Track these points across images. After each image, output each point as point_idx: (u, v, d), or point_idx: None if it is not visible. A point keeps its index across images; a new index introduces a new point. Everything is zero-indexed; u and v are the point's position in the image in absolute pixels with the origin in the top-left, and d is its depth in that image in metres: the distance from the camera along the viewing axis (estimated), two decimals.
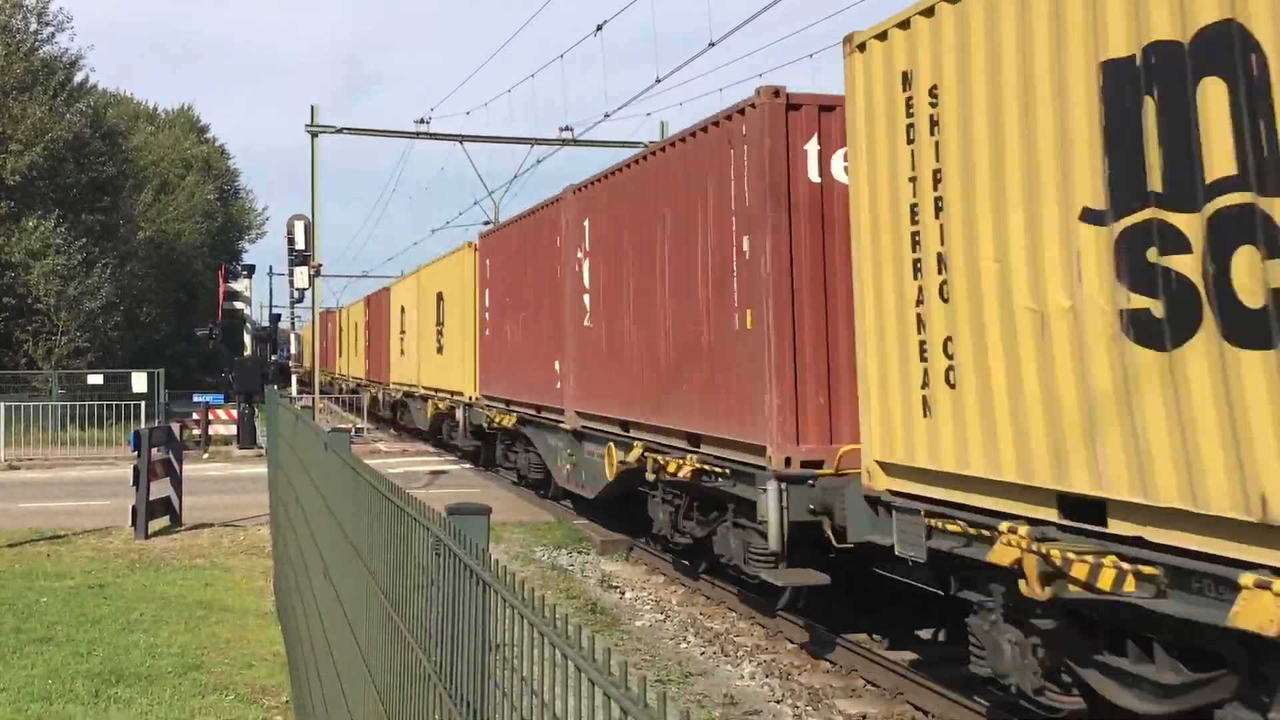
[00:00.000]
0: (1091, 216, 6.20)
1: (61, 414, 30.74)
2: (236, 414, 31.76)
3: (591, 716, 1.91)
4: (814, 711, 8.98)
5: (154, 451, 16.48)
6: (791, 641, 10.93)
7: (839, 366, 10.15)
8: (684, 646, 10.91)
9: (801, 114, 10.41)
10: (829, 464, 9.78)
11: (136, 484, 15.93)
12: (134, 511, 15.95)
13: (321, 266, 34.29)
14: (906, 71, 7.96)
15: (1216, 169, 5.39)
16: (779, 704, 9.14)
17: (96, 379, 33.38)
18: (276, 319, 38.03)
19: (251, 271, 38.48)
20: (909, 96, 7.93)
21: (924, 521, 7.79)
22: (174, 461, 17.29)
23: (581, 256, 16.07)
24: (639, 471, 13.21)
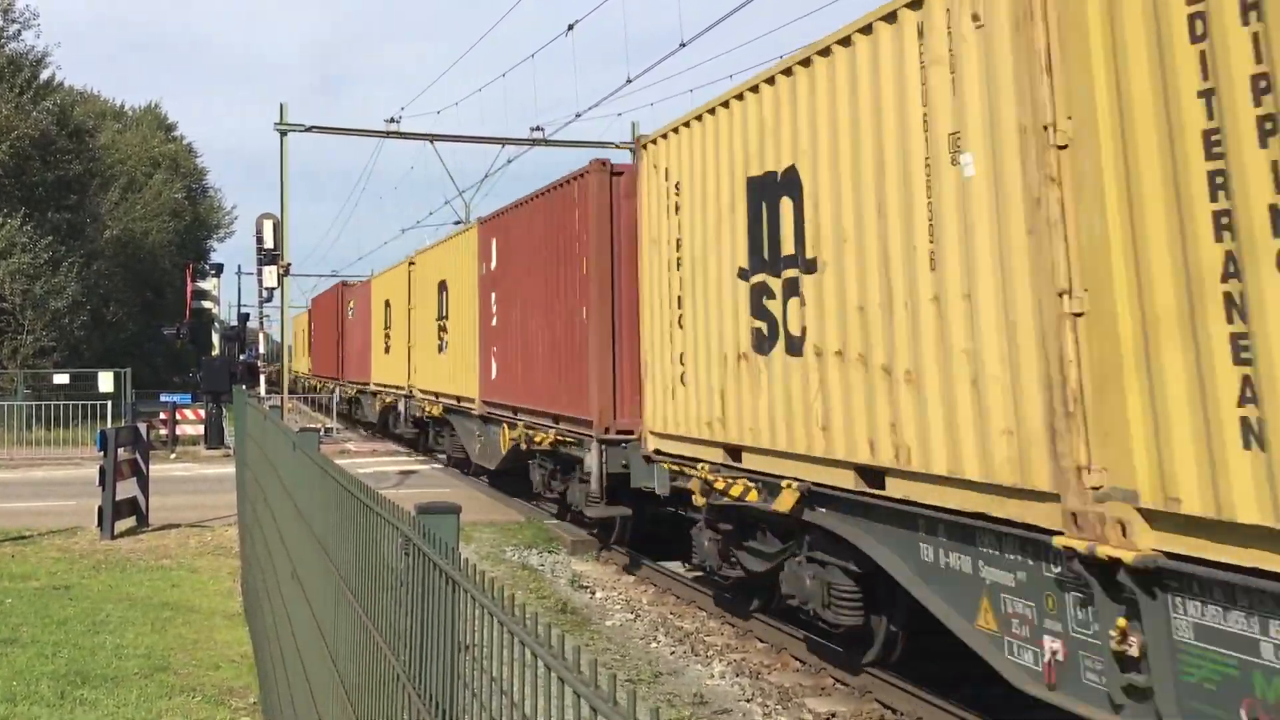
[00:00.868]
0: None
1: (27, 414, 30.48)
2: (204, 414, 31.56)
3: (562, 716, 1.91)
4: (784, 710, 9.00)
5: (121, 451, 16.36)
6: (762, 641, 10.96)
7: None
8: (654, 646, 10.92)
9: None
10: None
11: (103, 484, 15.80)
12: (100, 512, 15.82)
13: (290, 266, 34.10)
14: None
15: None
16: (749, 703, 9.16)
17: (63, 378, 33.11)
18: (245, 318, 37.81)
19: (220, 271, 38.28)
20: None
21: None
22: (141, 461, 17.17)
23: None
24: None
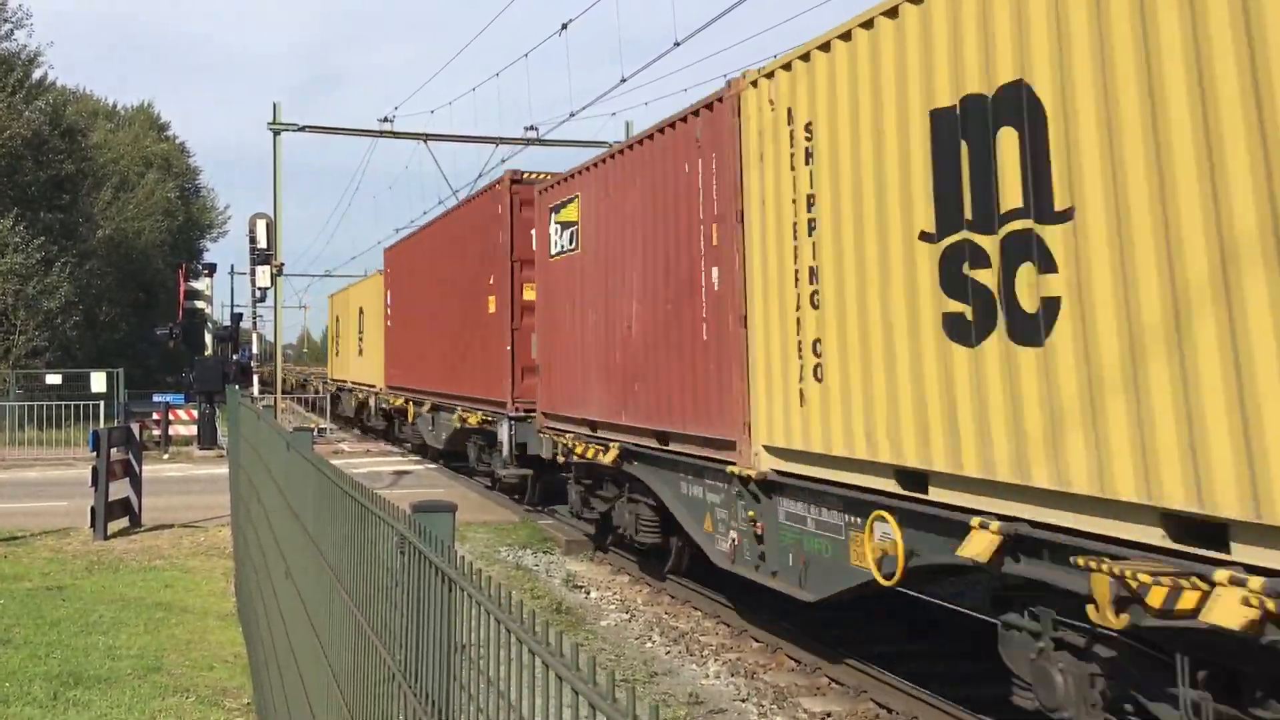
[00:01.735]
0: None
1: (19, 414, 30.38)
2: (197, 414, 31.49)
3: (559, 713, 1.89)
4: (779, 710, 8.99)
5: (113, 452, 16.31)
6: (757, 641, 10.95)
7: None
8: (649, 646, 10.91)
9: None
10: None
11: (95, 484, 15.75)
12: (93, 512, 15.77)
13: (284, 265, 34.06)
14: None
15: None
16: (744, 703, 9.14)
17: (55, 379, 33.01)
18: (238, 318, 37.69)
19: (213, 271, 38.17)
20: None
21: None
22: (134, 462, 17.12)
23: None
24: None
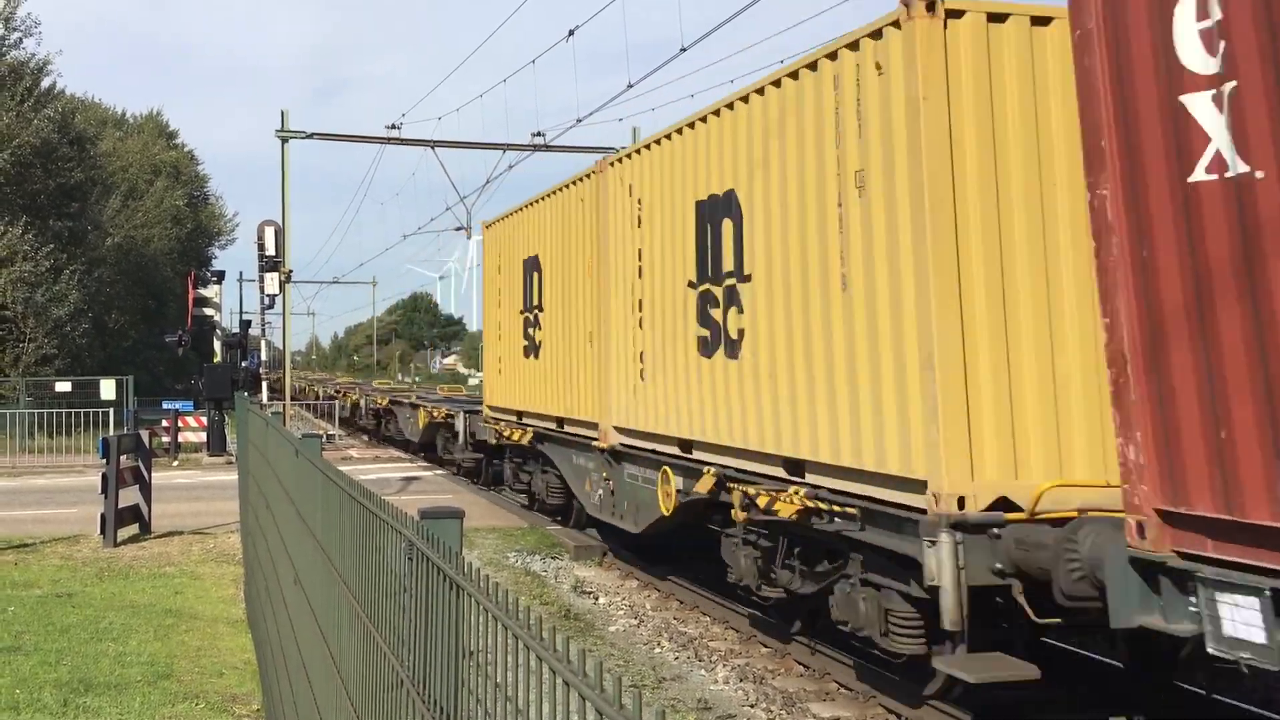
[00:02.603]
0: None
1: (29, 421, 30.46)
2: (206, 421, 31.54)
3: (567, 717, 1.90)
4: (788, 715, 8.98)
5: (123, 459, 16.34)
6: (765, 646, 10.94)
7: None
8: (658, 651, 10.90)
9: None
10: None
11: (105, 491, 15.79)
12: (103, 519, 15.81)
13: (292, 273, 34.11)
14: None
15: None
16: (753, 708, 9.13)
17: (65, 386, 33.11)
18: (247, 325, 37.82)
19: (221, 278, 38.26)
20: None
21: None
22: (143, 469, 17.16)
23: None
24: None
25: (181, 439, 31.60)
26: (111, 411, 30.63)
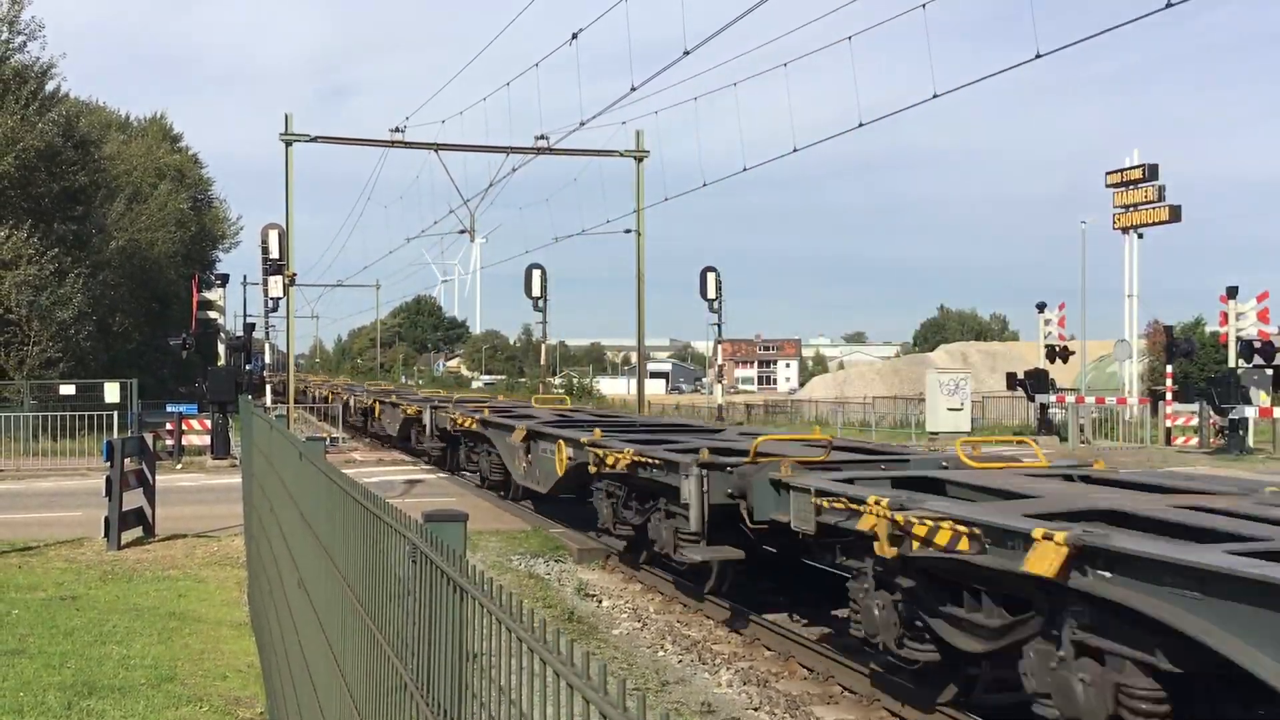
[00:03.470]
0: None
1: (33, 425, 30.47)
2: (210, 424, 31.56)
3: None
4: (791, 718, 8.98)
5: (127, 462, 16.35)
6: (769, 649, 10.93)
7: None
8: (661, 654, 10.90)
9: None
10: None
11: (109, 494, 15.79)
12: (107, 522, 15.81)
13: (296, 276, 34.16)
14: None
15: None
16: (756, 711, 9.13)
17: (69, 389, 33.12)
18: (251, 328, 37.78)
19: (225, 281, 38.27)
20: None
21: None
22: (147, 472, 17.16)
23: None
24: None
25: (185, 442, 31.61)
26: (115, 414, 30.64)
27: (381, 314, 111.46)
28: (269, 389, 41.57)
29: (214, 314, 36.03)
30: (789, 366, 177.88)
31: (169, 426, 31.82)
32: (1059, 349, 40.49)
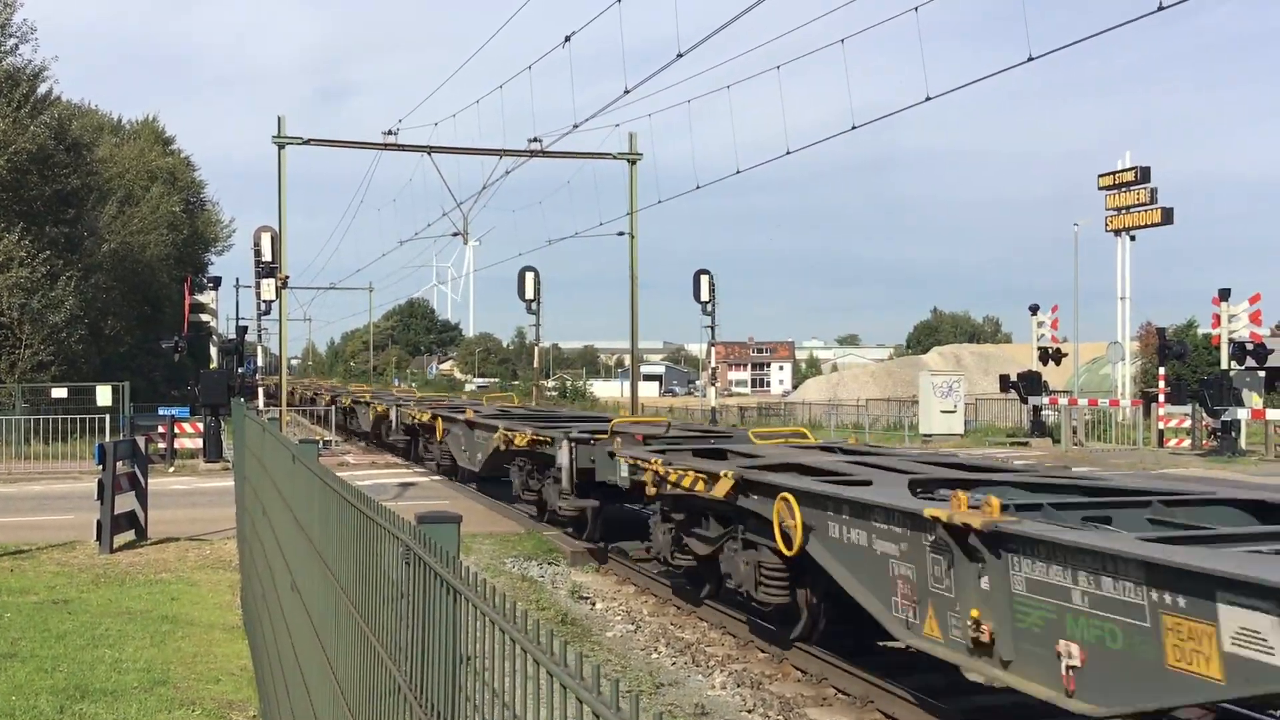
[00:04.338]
0: None
1: (25, 428, 30.41)
2: (202, 427, 31.52)
3: None
4: None
5: (119, 465, 16.32)
6: (763, 651, 10.93)
7: None
8: (655, 657, 10.89)
9: None
10: None
11: (101, 498, 15.77)
12: (99, 526, 15.78)
13: (289, 278, 34.12)
14: None
15: None
16: (750, 713, 9.13)
17: (60, 392, 33.04)
18: (243, 331, 37.76)
19: (218, 284, 38.27)
20: None
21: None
22: (139, 475, 17.14)
23: None
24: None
25: (178, 445, 31.56)
26: (108, 418, 30.60)
27: (375, 317, 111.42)
28: (261, 391, 41.52)
29: (206, 317, 36.04)
30: (782, 369, 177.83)
31: (161, 430, 31.76)
32: (1052, 351, 40.57)
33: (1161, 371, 37.70)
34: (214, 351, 35.41)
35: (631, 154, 36.30)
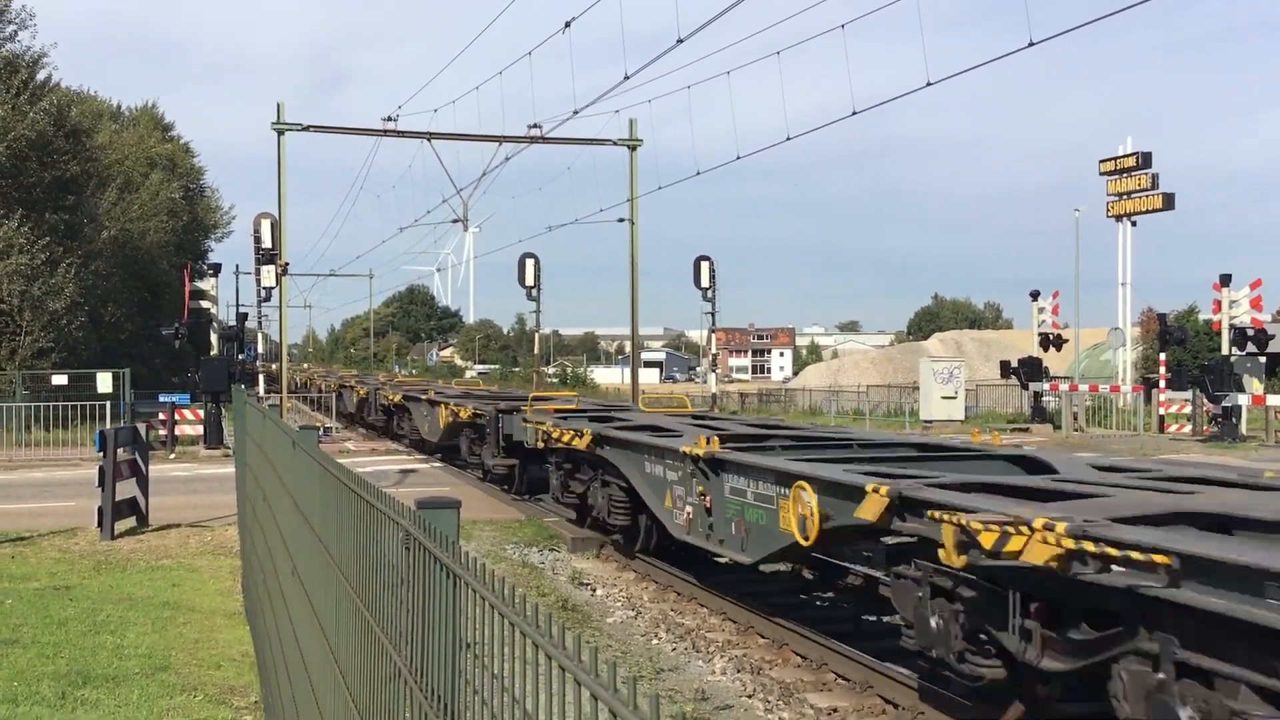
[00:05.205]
0: None
1: (26, 415, 30.43)
2: (203, 414, 31.53)
3: (563, 706, 1.90)
4: (785, 706, 9.00)
5: (120, 452, 16.33)
6: (763, 637, 10.96)
7: None
8: (655, 642, 10.92)
9: None
10: None
11: (102, 484, 15.78)
12: (100, 512, 15.80)
13: (289, 265, 34.09)
14: None
15: None
16: (750, 698, 9.15)
17: (61, 379, 33.06)
18: (243, 318, 37.71)
19: (218, 271, 38.20)
20: None
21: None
22: (140, 462, 17.15)
23: None
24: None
25: (179, 432, 31.59)
26: (108, 404, 30.61)
27: (375, 303, 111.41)
28: (261, 378, 41.51)
29: (207, 304, 35.99)
30: (783, 355, 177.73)
31: (162, 416, 31.78)
32: (1053, 337, 40.55)
33: (1162, 357, 37.68)
34: (214, 338, 35.40)
35: (632, 140, 36.21)
